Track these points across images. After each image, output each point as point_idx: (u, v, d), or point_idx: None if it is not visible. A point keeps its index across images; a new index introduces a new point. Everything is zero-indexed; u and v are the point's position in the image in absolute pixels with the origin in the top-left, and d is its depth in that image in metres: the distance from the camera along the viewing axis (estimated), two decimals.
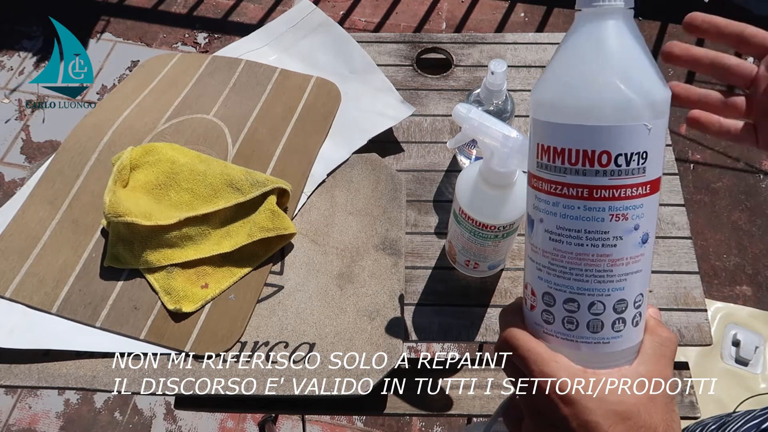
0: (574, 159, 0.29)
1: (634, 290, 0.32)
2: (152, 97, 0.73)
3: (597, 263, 0.31)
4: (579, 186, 0.30)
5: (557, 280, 0.32)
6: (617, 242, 0.30)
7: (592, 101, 0.29)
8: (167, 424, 1.26)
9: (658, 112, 0.29)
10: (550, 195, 0.31)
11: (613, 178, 0.29)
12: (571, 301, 0.32)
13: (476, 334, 0.57)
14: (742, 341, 1.04)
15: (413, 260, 0.61)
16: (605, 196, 0.30)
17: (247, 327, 0.55)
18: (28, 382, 0.52)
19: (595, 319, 0.32)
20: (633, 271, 0.31)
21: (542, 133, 0.31)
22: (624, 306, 0.32)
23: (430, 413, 0.56)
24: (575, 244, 0.31)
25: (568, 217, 0.31)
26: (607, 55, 0.29)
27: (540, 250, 0.33)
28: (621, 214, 0.30)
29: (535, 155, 0.32)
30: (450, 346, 1.34)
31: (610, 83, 0.28)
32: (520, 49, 0.78)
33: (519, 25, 1.91)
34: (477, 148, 0.64)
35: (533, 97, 0.32)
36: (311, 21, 0.80)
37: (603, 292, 0.31)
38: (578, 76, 0.29)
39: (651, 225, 0.31)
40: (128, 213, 0.55)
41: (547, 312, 0.33)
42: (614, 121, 0.28)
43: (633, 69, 0.29)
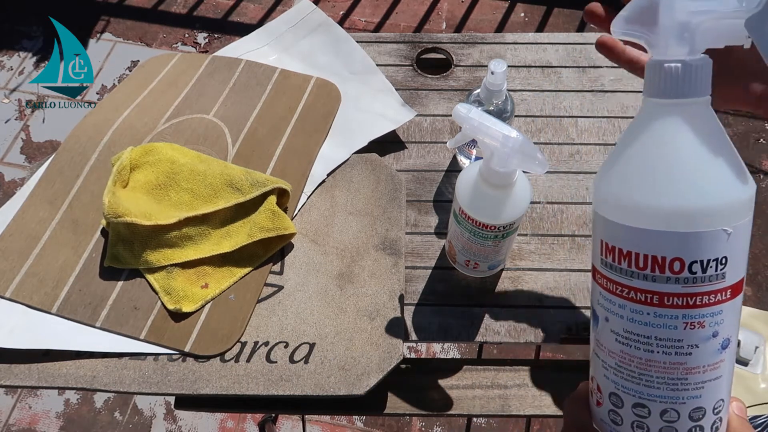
0: (642, 264, 0.27)
1: (713, 397, 0.29)
2: (152, 97, 0.73)
3: (670, 371, 0.28)
4: (648, 292, 0.27)
5: (625, 383, 0.29)
6: (693, 350, 0.28)
7: (663, 206, 0.26)
8: (167, 424, 1.26)
9: (740, 214, 0.27)
10: (616, 296, 0.29)
11: (687, 286, 0.27)
12: (641, 406, 0.29)
13: (476, 334, 0.57)
14: (742, 341, 1.04)
15: (413, 260, 0.61)
16: (678, 304, 0.27)
17: (247, 327, 0.55)
18: (28, 382, 0.52)
19: (668, 426, 0.29)
20: (711, 378, 0.28)
21: (606, 232, 0.29)
22: (701, 414, 0.29)
23: (430, 413, 0.56)
24: (645, 350, 0.28)
25: (637, 321, 0.28)
26: (678, 156, 0.26)
27: (606, 350, 0.30)
28: (697, 322, 0.27)
29: (599, 252, 0.29)
30: (450, 346, 1.34)
31: (685, 187, 0.26)
32: (520, 49, 0.78)
33: (519, 25, 1.91)
34: (477, 148, 0.64)
35: (596, 187, 0.30)
36: (311, 21, 0.80)
37: (677, 400, 0.29)
38: (646, 178, 0.27)
39: (732, 330, 0.28)
40: (128, 213, 0.55)
41: (614, 413, 0.31)
42: (687, 227, 0.26)
43: (711, 171, 0.26)
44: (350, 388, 0.51)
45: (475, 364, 0.58)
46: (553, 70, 0.76)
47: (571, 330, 0.57)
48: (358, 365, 0.52)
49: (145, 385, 0.52)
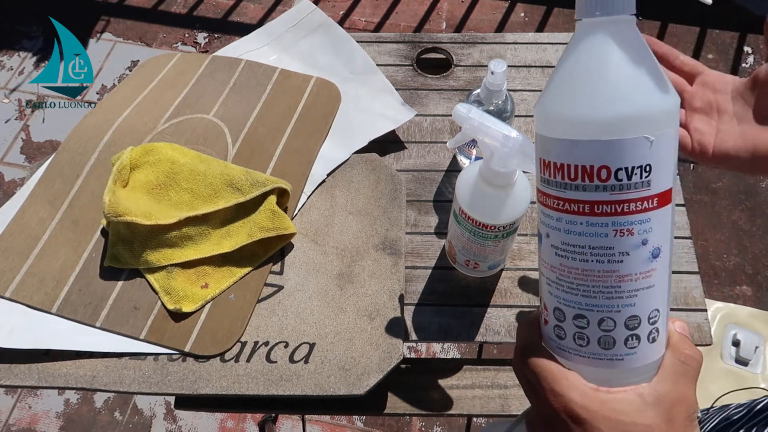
0: (573, 174, 0.29)
1: (647, 306, 0.30)
2: (152, 97, 0.73)
3: (604, 279, 0.30)
4: (580, 202, 0.29)
5: (566, 296, 0.31)
6: (624, 258, 0.29)
7: (585, 116, 0.28)
8: (167, 424, 1.26)
9: (661, 123, 0.28)
10: (554, 210, 0.30)
11: (615, 193, 0.28)
12: (580, 317, 0.31)
13: (476, 334, 0.57)
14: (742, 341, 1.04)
15: (413, 260, 0.61)
16: (607, 211, 0.29)
17: (247, 327, 0.55)
18: (28, 382, 0.52)
19: (606, 335, 0.31)
20: (644, 287, 0.30)
21: (542, 148, 0.30)
22: (637, 322, 0.30)
23: (430, 413, 0.56)
24: (580, 260, 0.30)
25: (572, 233, 0.30)
26: (599, 68, 0.28)
27: (548, 265, 0.32)
28: (626, 229, 0.29)
29: (539, 170, 0.31)
30: (450, 346, 1.34)
31: (603, 96, 0.28)
32: (520, 49, 0.78)
33: (519, 25, 1.91)
34: (477, 148, 0.64)
35: (534, 111, 0.31)
36: (311, 21, 0.80)
37: (612, 308, 0.30)
38: (572, 91, 0.29)
39: (663, 238, 0.30)
40: (128, 212, 0.55)
41: (558, 327, 0.32)
42: (610, 134, 0.27)
43: (630, 80, 0.28)
44: (350, 388, 0.51)
45: (475, 364, 0.58)
46: (553, 70, 0.76)
47: None
48: (358, 365, 0.52)
49: (145, 385, 0.52)
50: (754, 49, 1.82)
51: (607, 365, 0.31)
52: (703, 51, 1.81)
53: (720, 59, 1.79)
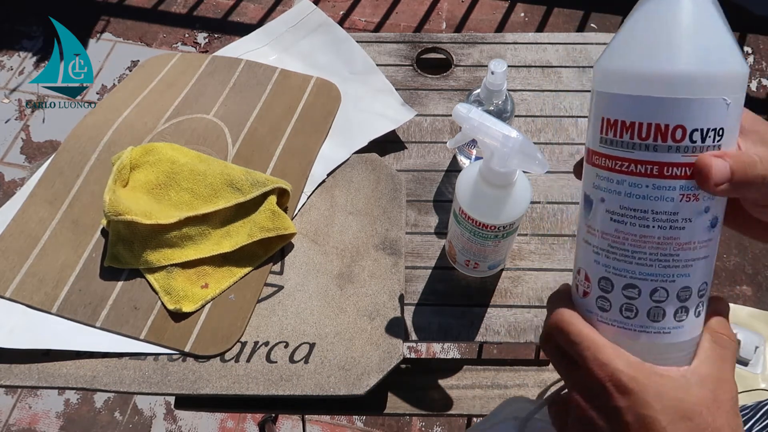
0: (645, 133, 0.27)
1: (699, 278, 0.30)
2: (152, 97, 0.73)
3: (663, 246, 0.29)
4: (649, 163, 0.28)
5: (617, 264, 0.30)
6: (686, 224, 0.28)
7: (668, 71, 0.27)
8: (167, 424, 1.26)
9: (737, 87, 0.27)
10: (615, 172, 0.29)
11: (687, 155, 0.27)
12: (631, 287, 0.30)
13: (476, 335, 0.57)
14: (742, 341, 1.04)
15: (413, 260, 0.61)
16: (677, 174, 0.28)
17: (247, 327, 0.55)
18: (28, 382, 0.52)
19: (656, 306, 0.30)
20: (700, 257, 0.29)
21: (608, 106, 0.29)
22: (688, 294, 0.30)
23: (430, 413, 0.56)
24: (640, 225, 0.29)
25: (634, 195, 0.29)
26: (685, 24, 0.27)
27: (599, 232, 0.31)
28: (692, 194, 0.28)
29: (599, 130, 0.30)
30: (450, 346, 1.34)
31: (690, 53, 0.26)
32: (520, 49, 0.78)
33: (519, 25, 1.91)
34: (477, 148, 0.64)
35: (598, 68, 0.30)
36: (311, 21, 0.80)
37: (667, 278, 0.29)
38: (653, 45, 0.27)
39: (721, 209, 0.29)
40: (128, 211, 0.55)
41: (603, 299, 0.31)
42: (691, 93, 0.26)
43: (713, 40, 0.27)
44: (350, 388, 0.51)
45: (475, 364, 0.58)
46: (553, 70, 0.76)
47: None
48: (358, 365, 0.52)
49: (145, 385, 0.52)
50: (754, 49, 1.82)
51: (653, 338, 0.30)
52: None
53: None
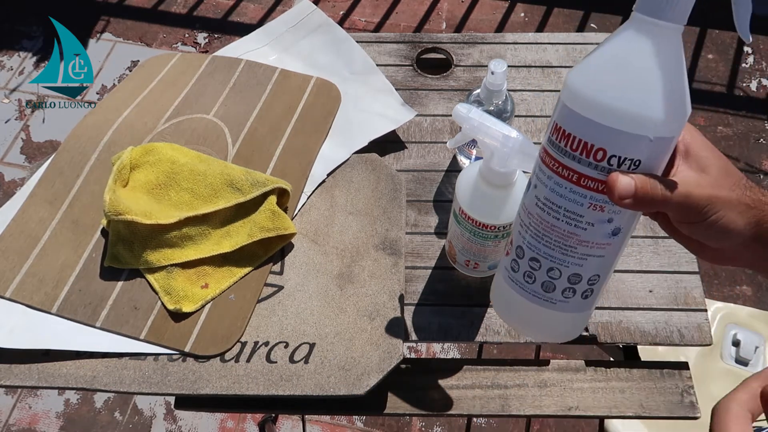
0: (575, 146, 0.32)
1: (591, 270, 0.36)
2: (152, 97, 0.73)
3: (566, 238, 0.34)
4: (572, 170, 0.33)
5: (531, 240, 0.36)
6: (588, 227, 0.34)
7: (606, 103, 0.30)
8: (167, 424, 1.26)
9: (665, 130, 0.30)
10: (548, 169, 0.34)
11: (601, 174, 0.32)
12: (535, 260, 0.37)
13: (476, 335, 0.57)
14: (742, 341, 1.04)
15: (413, 260, 0.61)
16: (590, 186, 0.32)
17: (247, 327, 0.55)
18: (28, 382, 0.52)
19: (549, 281, 0.37)
20: (595, 255, 0.35)
21: (560, 114, 0.33)
22: (578, 279, 0.36)
23: (430, 413, 0.56)
24: (553, 216, 0.34)
25: (556, 192, 0.34)
26: (631, 63, 0.30)
27: (527, 211, 0.36)
28: (599, 205, 0.33)
29: (550, 131, 0.34)
30: (450, 346, 1.34)
31: (623, 89, 0.30)
32: (520, 49, 0.78)
33: (519, 25, 1.91)
34: (477, 148, 0.64)
35: (566, 79, 0.33)
36: (311, 21, 0.80)
37: (563, 262, 0.35)
38: (600, 74, 0.31)
39: (626, 223, 0.34)
40: (128, 211, 0.55)
41: (515, 261, 0.38)
42: (617, 125, 0.30)
43: (650, 83, 0.30)
44: (350, 388, 0.51)
45: (475, 364, 0.58)
46: (553, 70, 0.76)
47: None
48: (358, 365, 0.52)
49: (145, 385, 0.52)
50: (754, 49, 1.82)
51: (542, 304, 0.38)
52: (703, 51, 1.81)
53: (720, 59, 1.79)
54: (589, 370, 0.57)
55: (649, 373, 0.57)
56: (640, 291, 0.59)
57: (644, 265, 0.61)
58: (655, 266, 0.61)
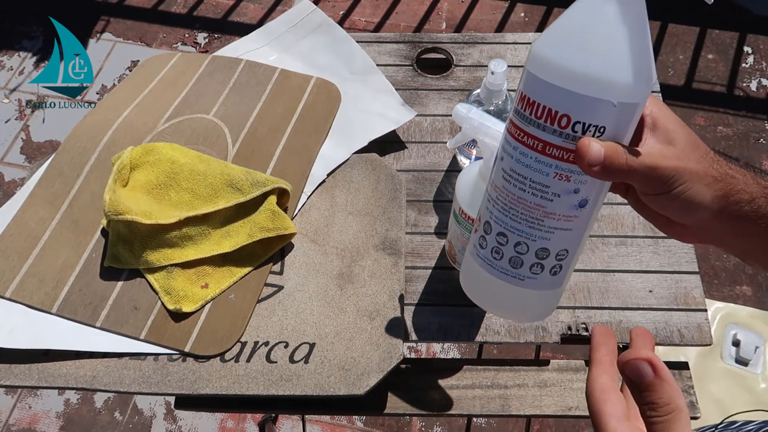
0: (539, 113, 0.31)
1: (559, 244, 0.35)
2: (152, 97, 0.73)
3: (532, 210, 0.34)
4: (536, 138, 0.32)
5: (498, 214, 0.36)
6: (554, 198, 0.33)
7: (566, 65, 0.30)
8: (167, 424, 1.26)
9: (629, 95, 0.30)
10: (513, 139, 0.33)
11: (566, 141, 0.31)
12: (502, 235, 0.36)
13: (476, 335, 0.57)
14: (742, 341, 1.04)
15: (413, 260, 0.61)
16: (555, 155, 0.32)
17: (247, 327, 0.55)
18: (28, 382, 0.52)
19: (516, 256, 0.36)
20: (562, 228, 0.34)
21: (524, 82, 0.33)
22: (546, 254, 0.35)
23: (430, 413, 0.56)
24: (519, 188, 0.34)
25: (521, 163, 0.33)
26: (595, 27, 0.30)
27: (493, 184, 0.36)
28: (565, 175, 0.32)
29: (516, 101, 0.33)
30: (450, 346, 1.34)
31: (586, 53, 0.30)
32: (520, 49, 0.78)
33: (519, 25, 1.91)
34: (477, 148, 0.64)
35: (532, 47, 0.33)
36: (311, 21, 0.80)
37: (530, 236, 0.35)
38: (564, 38, 0.31)
39: (593, 194, 0.33)
40: (128, 211, 0.55)
41: (482, 238, 0.37)
42: (581, 90, 0.30)
43: (615, 48, 0.29)
44: (350, 388, 0.51)
45: (475, 364, 0.58)
46: None
47: (570, 330, 0.57)
48: (358, 365, 0.52)
49: (145, 385, 0.52)
50: (754, 49, 1.82)
51: (510, 281, 0.37)
52: (703, 51, 1.81)
53: (720, 59, 1.79)
54: None
55: None
56: (640, 291, 0.59)
57: (644, 265, 0.61)
58: (655, 266, 0.61)
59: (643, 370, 0.28)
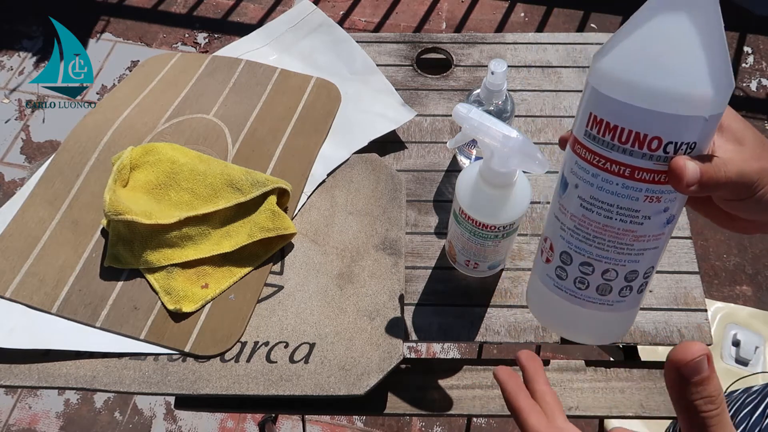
0: (625, 138, 0.29)
1: (647, 263, 0.33)
2: (152, 97, 0.73)
3: (621, 237, 0.32)
4: (623, 165, 0.30)
5: (579, 244, 0.33)
6: (645, 221, 0.31)
7: (655, 86, 0.28)
8: (167, 424, 1.26)
9: (719, 105, 0.29)
10: (592, 166, 0.31)
11: (658, 164, 0.29)
12: (587, 264, 0.34)
13: (476, 335, 0.57)
14: (742, 341, 1.04)
15: (413, 260, 0.61)
16: (646, 178, 0.30)
17: (247, 327, 0.55)
18: (28, 382, 0.52)
19: (605, 284, 0.34)
20: (652, 248, 0.33)
21: (597, 104, 0.30)
22: (635, 276, 0.34)
23: (430, 413, 0.56)
24: (605, 216, 0.32)
25: (605, 190, 0.31)
26: (679, 44, 0.27)
27: (568, 213, 0.34)
28: (656, 196, 0.30)
29: (586, 123, 0.31)
30: (450, 346, 1.34)
31: (679, 72, 0.27)
32: (520, 49, 0.78)
33: (519, 25, 1.91)
34: (477, 148, 0.64)
35: (597, 64, 0.30)
36: (311, 21, 0.80)
37: (619, 262, 0.33)
38: (647, 57, 0.28)
39: (679, 208, 0.32)
40: (128, 211, 0.55)
41: (561, 269, 0.35)
42: (673, 110, 0.28)
43: (704, 60, 0.27)
44: (350, 388, 0.51)
45: (475, 364, 0.58)
46: (553, 70, 0.76)
47: None
48: (358, 365, 0.52)
49: (145, 385, 0.52)
50: (754, 49, 1.81)
51: (598, 309, 0.35)
52: None
53: None
54: (589, 370, 0.57)
55: (649, 373, 0.57)
56: None
57: None
58: None
59: (703, 366, 0.27)
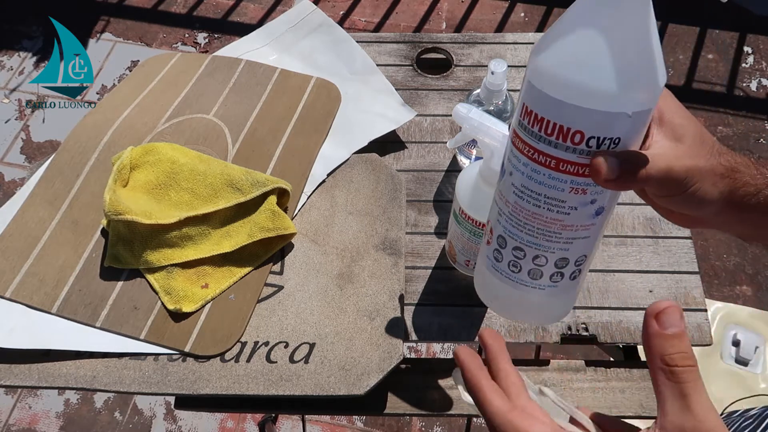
0: (550, 131, 0.30)
1: (578, 252, 0.34)
2: (152, 97, 0.73)
3: (549, 225, 0.33)
4: (549, 156, 0.31)
5: (512, 229, 0.35)
6: (571, 211, 0.32)
7: (577, 81, 0.28)
8: (167, 424, 1.26)
9: (644, 103, 0.29)
10: (522, 155, 0.32)
11: (581, 157, 0.30)
12: (519, 249, 0.35)
13: (476, 335, 0.57)
14: (742, 341, 1.04)
15: (413, 260, 0.61)
16: (570, 170, 0.31)
17: (247, 327, 0.55)
18: (28, 382, 0.52)
19: (536, 268, 0.35)
20: (581, 237, 0.34)
21: (529, 96, 0.31)
22: (565, 263, 0.35)
23: (430, 413, 0.56)
24: (533, 204, 0.33)
25: (533, 180, 0.32)
26: (604, 41, 0.27)
27: (504, 199, 0.35)
28: (581, 188, 0.31)
29: (520, 114, 0.32)
30: (450, 346, 1.34)
31: (598, 67, 0.28)
32: (520, 49, 0.78)
33: (519, 25, 1.91)
34: (477, 148, 0.64)
35: (531, 57, 0.31)
36: (311, 21, 0.80)
37: (549, 249, 0.34)
38: (571, 54, 0.28)
39: (609, 201, 0.33)
40: (128, 211, 0.55)
41: (497, 251, 0.37)
42: (594, 105, 0.28)
43: (627, 59, 0.27)
44: (350, 388, 0.51)
45: None
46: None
47: (570, 330, 0.57)
48: (358, 365, 0.52)
49: (145, 385, 0.52)
50: (754, 49, 1.82)
51: (530, 292, 0.36)
52: (703, 51, 1.81)
53: (720, 59, 1.79)
54: (589, 370, 0.57)
55: (649, 373, 0.57)
56: (640, 291, 0.59)
57: (644, 265, 0.61)
58: (655, 266, 0.61)
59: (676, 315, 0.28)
